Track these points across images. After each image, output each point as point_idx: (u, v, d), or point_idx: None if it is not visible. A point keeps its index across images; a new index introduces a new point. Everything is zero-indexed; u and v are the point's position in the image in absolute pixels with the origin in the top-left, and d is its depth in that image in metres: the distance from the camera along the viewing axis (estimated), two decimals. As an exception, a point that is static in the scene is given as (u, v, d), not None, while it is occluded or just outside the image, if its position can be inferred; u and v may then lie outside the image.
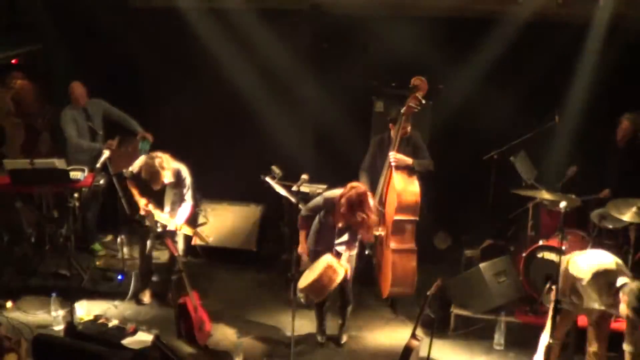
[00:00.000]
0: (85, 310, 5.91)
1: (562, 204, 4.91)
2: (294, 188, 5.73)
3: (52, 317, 5.83)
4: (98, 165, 6.39)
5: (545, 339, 4.81)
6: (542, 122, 6.81)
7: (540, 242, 6.09)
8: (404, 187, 5.93)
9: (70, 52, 7.47)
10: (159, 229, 6.09)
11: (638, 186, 5.96)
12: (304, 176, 5.64)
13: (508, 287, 6.06)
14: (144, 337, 5.12)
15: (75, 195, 6.64)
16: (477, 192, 7.10)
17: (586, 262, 4.61)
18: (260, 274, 7.07)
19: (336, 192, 5.39)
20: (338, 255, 5.44)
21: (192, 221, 6.82)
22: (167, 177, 5.92)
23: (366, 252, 6.25)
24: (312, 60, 7.45)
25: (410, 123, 6.07)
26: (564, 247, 5.57)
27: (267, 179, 6.42)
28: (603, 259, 4.62)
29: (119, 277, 6.65)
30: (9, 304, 6.08)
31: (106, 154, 6.39)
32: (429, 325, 5.41)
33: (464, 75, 7.10)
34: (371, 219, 5.27)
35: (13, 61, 7.53)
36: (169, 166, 5.89)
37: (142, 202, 6.07)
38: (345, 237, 5.51)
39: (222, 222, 7.32)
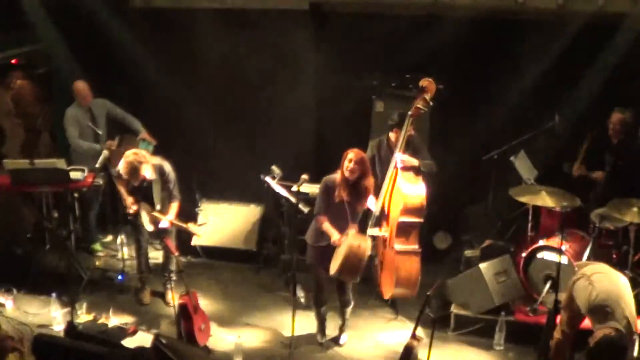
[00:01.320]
0: (85, 310, 5.92)
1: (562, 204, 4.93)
2: (294, 188, 5.73)
3: (52, 317, 5.83)
4: (97, 165, 6.41)
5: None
6: (542, 121, 6.81)
7: (540, 242, 6.08)
8: (411, 189, 5.91)
9: (70, 52, 7.47)
10: (151, 228, 6.10)
11: (631, 183, 5.97)
12: (304, 176, 5.64)
13: (508, 287, 6.05)
14: (144, 337, 5.13)
15: (76, 195, 6.63)
16: (477, 192, 7.10)
17: (589, 290, 4.56)
18: (260, 274, 7.07)
19: (332, 175, 5.50)
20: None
21: (192, 221, 6.83)
22: (147, 172, 5.93)
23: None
24: (312, 60, 7.45)
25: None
26: (564, 247, 5.59)
27: (267, 179, 6.43)
28: (604, 290, 4.51)
29: (119, 277, 6.65)
30: (9, 304, 6.08)
31: (105, 154, 6.40)
32: (429, 325, 5.40)
33: (463, 75, 7.09)
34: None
35: (13, 61, 7.52)
36: (146, 160, 5.91)
37: (129, 200, 6.10)
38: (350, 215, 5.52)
39: (222, 222, 7.32)
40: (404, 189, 5.90)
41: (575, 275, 4.78)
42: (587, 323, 4.85)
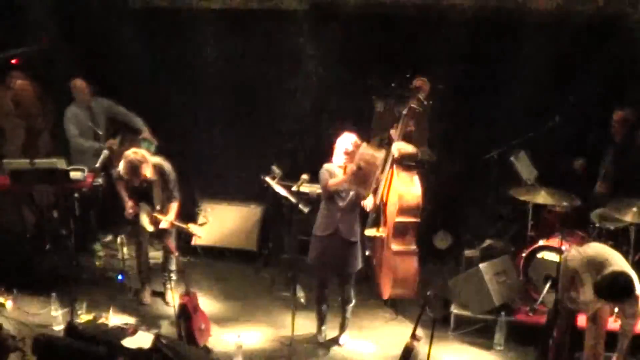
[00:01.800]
0: (85, 310, 5.92)
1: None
2: (294, 188, 5.73)
3: (52, 317, 5.83)
4: (98, 164, 6.40)
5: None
6: (542, 121, 6.81)
7: (540, 242, 6.08)
8: (406, 188, 5.92)
9: (70, 52, 7.48)
10: (151, 229, 6.10)
11: (633, 183, 5.97)
12: (304, 176, 5.65)
13: (508, 287, 6.06)
14: (144, 337, 5.12)
15: (76, 195, 6.63)
16: (477, 192, 7.10)
17: (582, 252, 4.68)
18: (260, 274, 7.07)
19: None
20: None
21: (192, 221, 6.83)
22: (147, 172, 5.93)
23: (366, 253, 6.25)
24: (312, 60, 7.45)
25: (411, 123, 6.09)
26: (564, 247, 5.59)
27: (267, 179, 6.43)
28: (597, 250, 4.75)
29: (119, 277, 6.65)
30: (9, 304, 6.08)
31: (105, 153, 6.39)
32: (429, 325, 5.40)
33: (464, 75, 7.09)
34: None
35: (13, 61, 7.52)
36: (146, 160, 5.90)
37: (128, 204, 6.09)
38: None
39: (222, 222, 7.32)
40: (400, 189, 5.91)
41: (567, 252, 4.95)
42: (584, 322, 4.88)
